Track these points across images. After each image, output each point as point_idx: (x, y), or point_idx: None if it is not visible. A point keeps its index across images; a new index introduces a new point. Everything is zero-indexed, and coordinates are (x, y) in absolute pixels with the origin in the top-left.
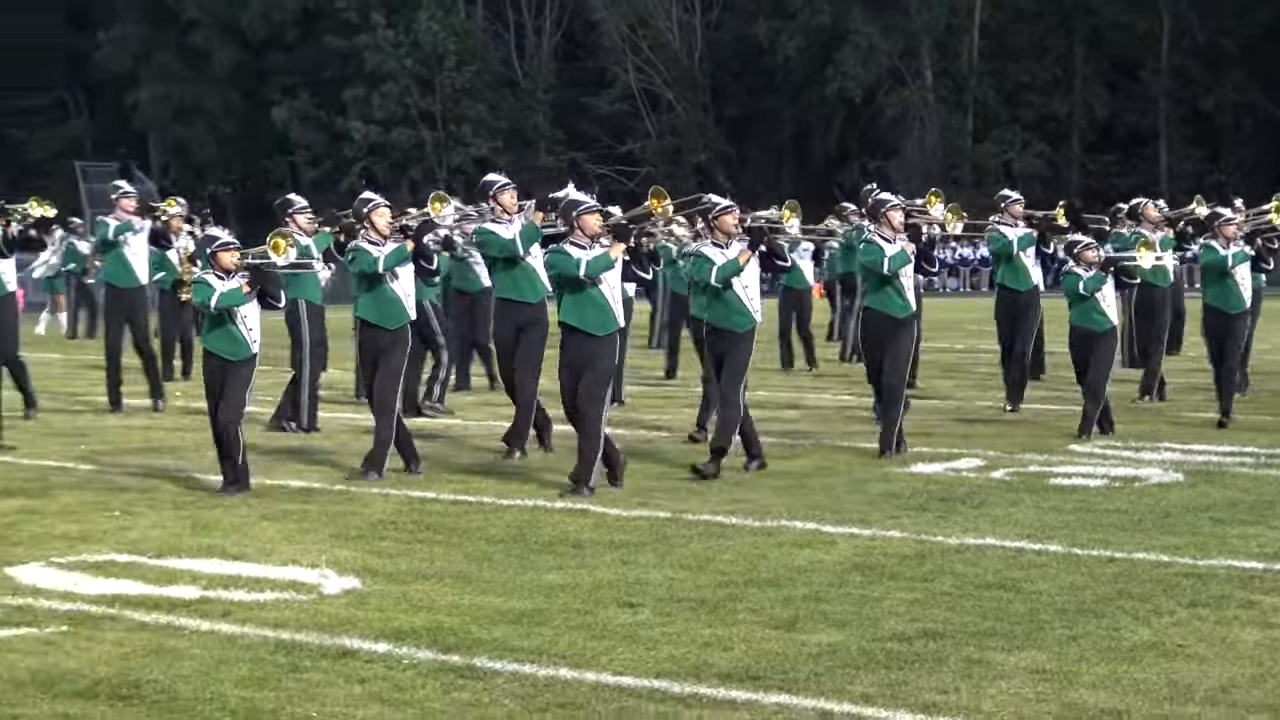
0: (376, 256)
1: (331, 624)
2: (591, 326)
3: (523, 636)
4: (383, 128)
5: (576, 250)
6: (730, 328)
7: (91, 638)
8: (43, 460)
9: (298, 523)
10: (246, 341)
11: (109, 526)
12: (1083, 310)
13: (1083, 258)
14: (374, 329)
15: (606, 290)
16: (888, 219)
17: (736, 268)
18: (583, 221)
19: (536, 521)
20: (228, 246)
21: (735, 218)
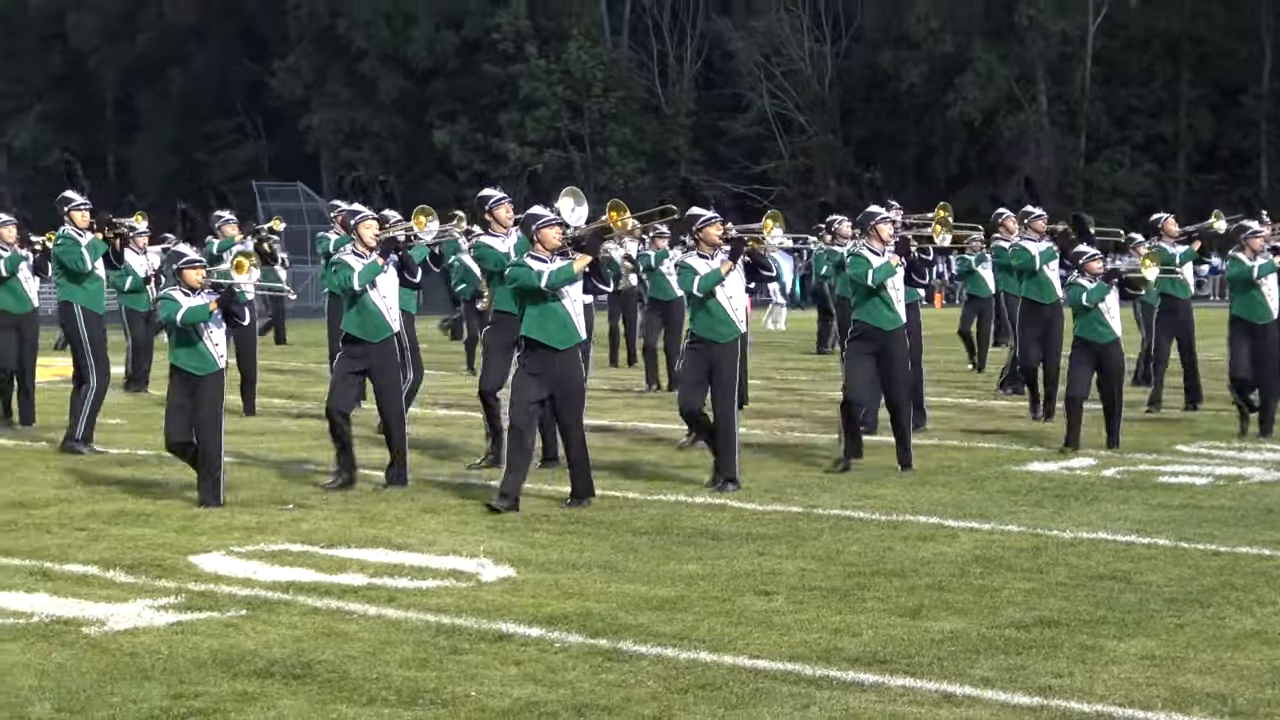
0: (352, 273)
1: (489, 610)
2: (554, 340)
3: (665, 622)
4: (535, 149)
5: (537, 263)
6: (714, 339)
7: (268, 621)
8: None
9: (457, 516)
10: (213, 357)
11: (284, 519)
12: (1086, 322)
13: (1087, 269)
14: (359, 343)
15: (568, 304)
16: (876, 231)
17: (718, 277)
18: (543, 235)
19: (678, 515)
20: (194, 264)
21: (719, 229)
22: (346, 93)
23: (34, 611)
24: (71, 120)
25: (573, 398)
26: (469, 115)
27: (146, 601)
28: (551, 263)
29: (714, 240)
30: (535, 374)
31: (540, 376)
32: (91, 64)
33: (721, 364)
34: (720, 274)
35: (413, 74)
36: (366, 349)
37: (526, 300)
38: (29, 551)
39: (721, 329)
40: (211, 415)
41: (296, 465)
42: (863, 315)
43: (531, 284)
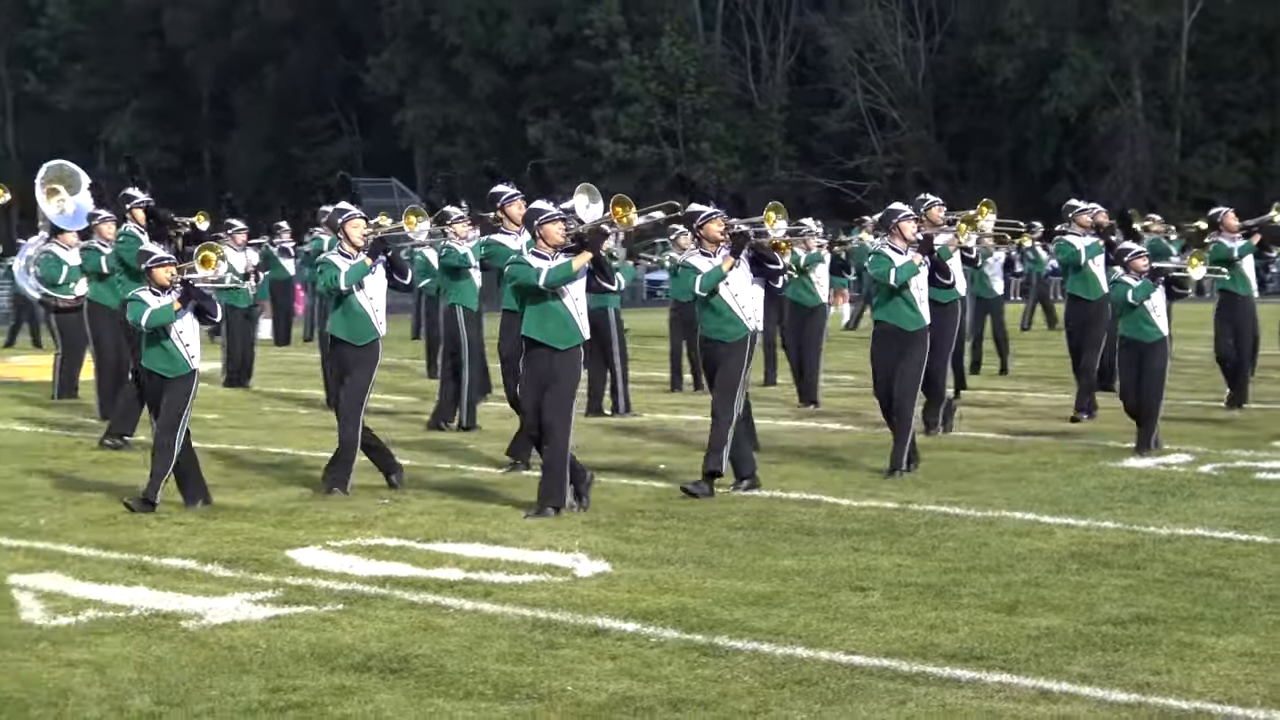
0: (338, 273)
1: (584, 604)
2: (554, 340)
3: (761, 617)
4: (629, 145)
5: (538, 260)
6: (721, 338)
7: (365, 615)
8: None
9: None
10: (184, 358)
11: (380, 513)
12: (1131, 321)
13: (1133, 266)
14: (342, 344)
15: (569, 302)
16: (899, 230)
17: (720, 275)
18: (545, 231)
19: (773, 511)
20: (163, 262)
21: (721, 225)
22: (440, 89)
23: (134, 605)
24: (168, 117)
25: (561, 398)
26: (562, 111)
27: (244, 595)
28: (553, 260)
29: (715, 236)
30: (532, 379)
31: (537, 381)
32: (188, 61)
33: (728, 363)
34: (722, 271)
35: (506, 70)
36: (351, 350)
37: (527, 299)
38: (128, 545)
39: (729, 328)
40: (172, 416)
41: None
42: (884, 315)
43: (530, 282)
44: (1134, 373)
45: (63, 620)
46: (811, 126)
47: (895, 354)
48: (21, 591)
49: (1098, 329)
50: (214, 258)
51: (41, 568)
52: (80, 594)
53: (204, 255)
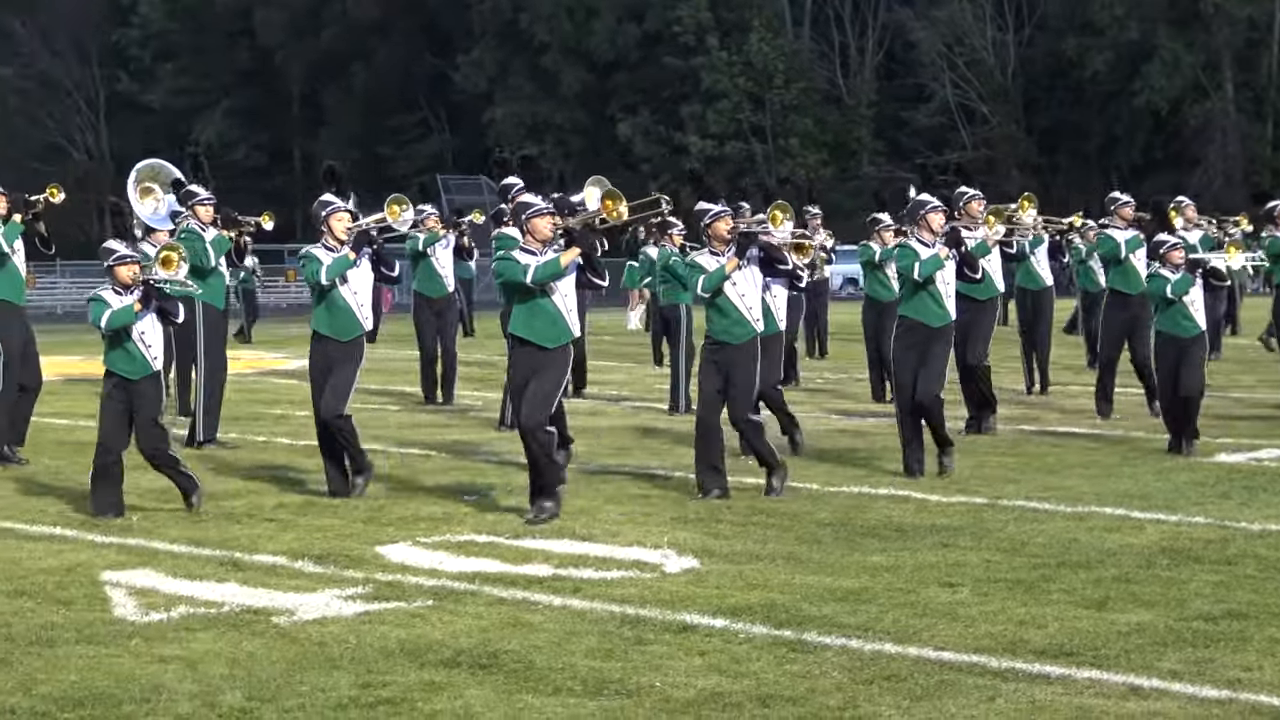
0: (320, 266)
1: (673, 601)
2: (541, 338)
3: (850, 613)
4: (717, 141)
5: (526, 256)
6: (728, 340)
7: (454, 611)
8: (409, 449)
9: (641, 507)
10: (146, 360)
11: (469, 510)
12: (1169, 316)
13: (1168, 259)
14: (326, 340)
15: (559, 299)
16: (926, 222)
17: (722, 276)
18: (533, 225)
19: (861, 506)
20: (125, 260)
21: (728, 224)
22: (529, 86)
23: (225, 601)
24: (257, 116)
25: (537, 398)
26: (651, 108)
27: (335, 591)
28: (541, 256)
29: (723, 236)
30: (519, 379)
31: (524, 381)
32: (278, 60)
33: (736, 367)
34: (724, 272)
35: (594, 67)
36: (336, 345)
37: (515, 296)
38: (219, 542)
39: (736, 330)
40: (151, 421)
41: (482, 454)
42: (909, 310)
43: (517, 279)
44: (1172, 369)
45: (155, 617)
46: (900, 121)
47: (920, 350)
48: (114, 588)
49: (1143, 324)
50: (176, 258)
51: (134, 565)
52: (172, 590)
53: (165, 255)
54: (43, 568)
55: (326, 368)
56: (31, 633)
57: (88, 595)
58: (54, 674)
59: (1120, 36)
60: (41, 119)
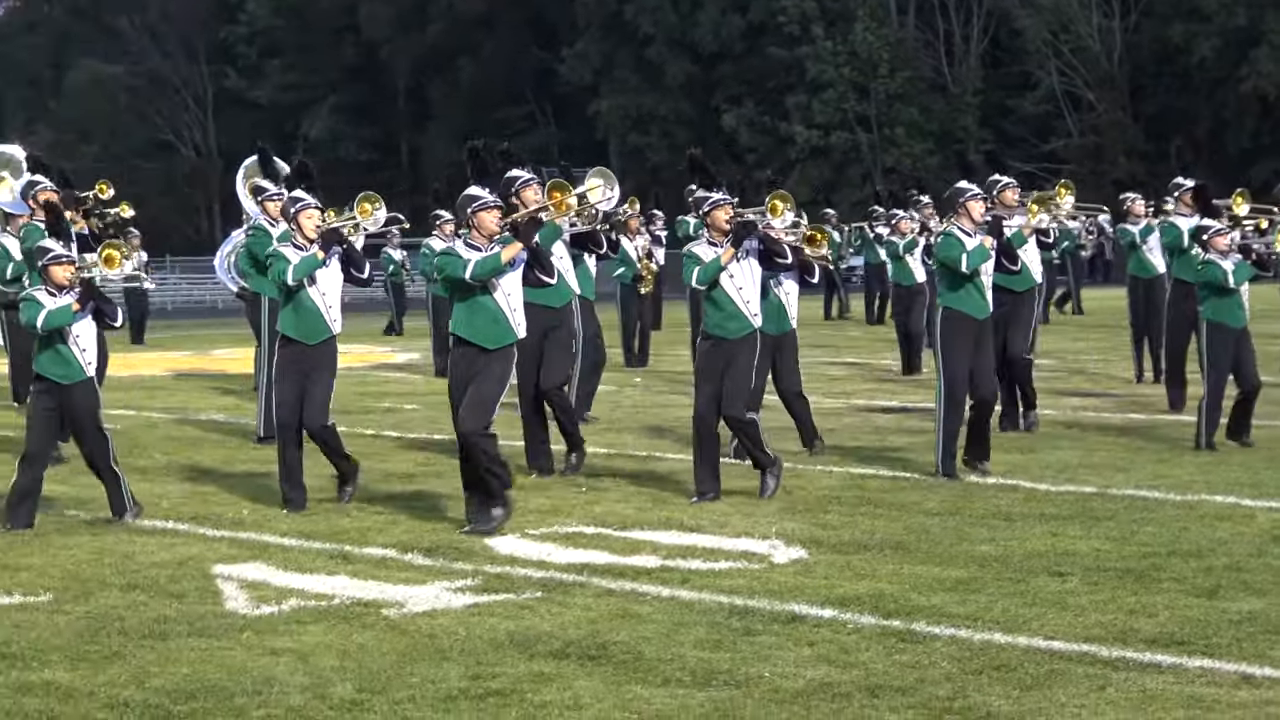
0: (286, 266)
1: (781, 591)
2: (482, 339)
3: (959, 603)
4: (823, 131)
5: (468, 251)
6: (723, 334)
7: (562, 603)
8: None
9: (749, 498)
10: (79, 364)
11: (577, 501)
12: (1226, 306)
13: (1213, 245)
14: (294, 344)
15: (501, 298)
16: (967, 210)
17: (718, 267)
18: (479, 219)
19: (969, 496)
20: (60, 260)
21: (728, 213)
22: (634, 78)
23: (335, 594)
24: (364, 111)
25: (475, 402)
26: (755, 98)
27: (444, 584)
28: (484, 251)
29: (721, 226)
30: (459, 380)
31: (464, 383)
32: (384, 55)
33: (732, 363)
34: (720, 264)
35: (699, 58)
36: (303, 350)
37: (456, 293)
38: (329, 535)
39: (731, 324)
40: (91, 426)
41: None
42: (953, 303)
43: (456, 275)
44: (1231, 359)
45: (266, 609)
46: (1006, 109)
47: (972, 343)
48: (226, 581)
49: None
50: (118, 256)
51: (245, 558)
52: (283, 583)
53: (107, 253)
54: (155, 561)
55: (301, 372)
56: (144, 626)
57: (200, 589)
58: (167, 667)
59: (1228, 22)
60: (150, 116)
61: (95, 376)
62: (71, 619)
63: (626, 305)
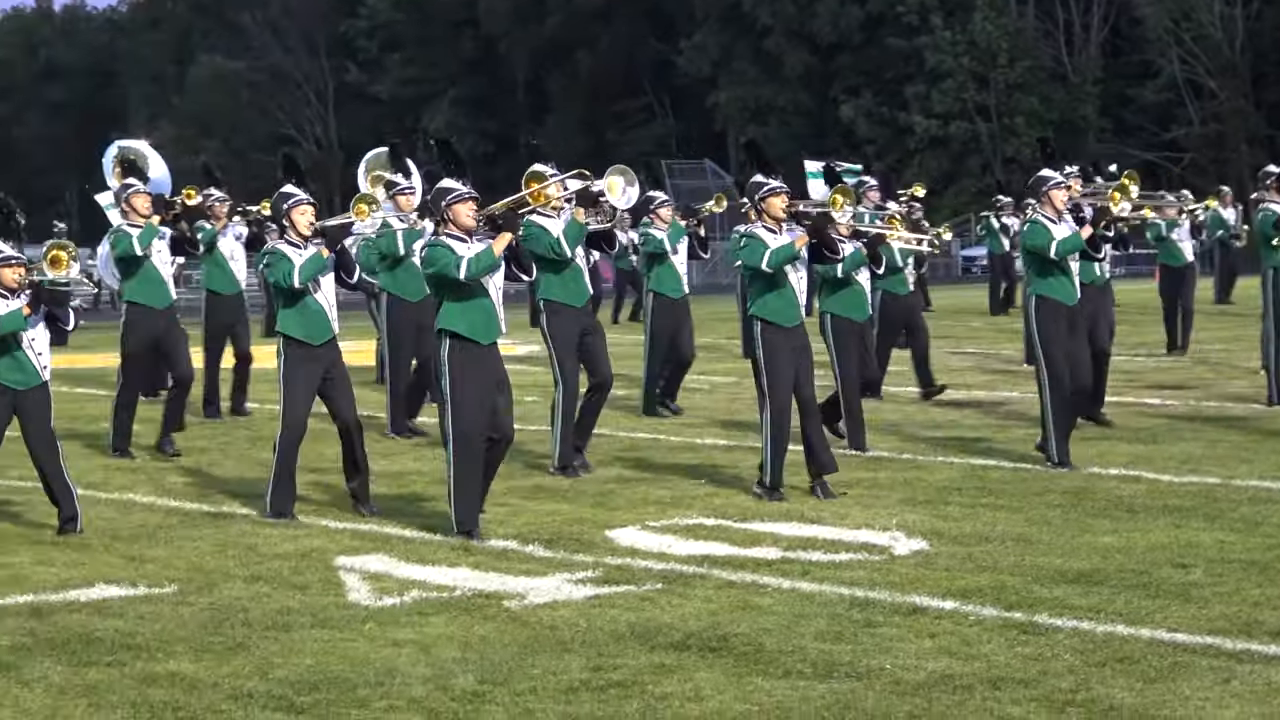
0: (291, 268)
1: (902, 583)
2: (480, 335)
3: (1081, 595)
4: (942, 121)
5: (459, 247)
6: (783, 322)
7: (683, 595)
8: (636, 433)
9: (869, 489)
10: (35, 369)
11: (698, 493)
12: None
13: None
14: (297, 344)
15: (493, 290)
16: (1049, 199)
17: (793, 253)
18: (454, 213)
19: (1092, 488)
20: (10, 262)
21: (784, 201)
22: (752, 70)
23: (457, 585)
24: (483, 104)
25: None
26: (874, 89)
27: (565, 575)
28: (470, 246)
29: (777, 213)
30: (475, 371)
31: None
32: (502, 48)
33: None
34: (794, 249)
35: (818, 49)
36: (313, 352)
37: (445, 290)
38: (451, 527)
39: (791, 311)
40: (44, 435)
41: (708, 440)
42: (1045, 290)
43: (450, 274)
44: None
45: (388, 601)
46: (1126, 99)
47: (1067, 330)
48: (348, 573)
49: None
50: (65, 258)
51: (368, 549)
52: (405, 575)
53: (53, 254)
54: (278, 553)
55: (313, 374)
56: (268, 618)
57: (322, 580)
58: (290, 658)
59: None
60: (271, 111)
61: (48, 382)
62: (196, 610)
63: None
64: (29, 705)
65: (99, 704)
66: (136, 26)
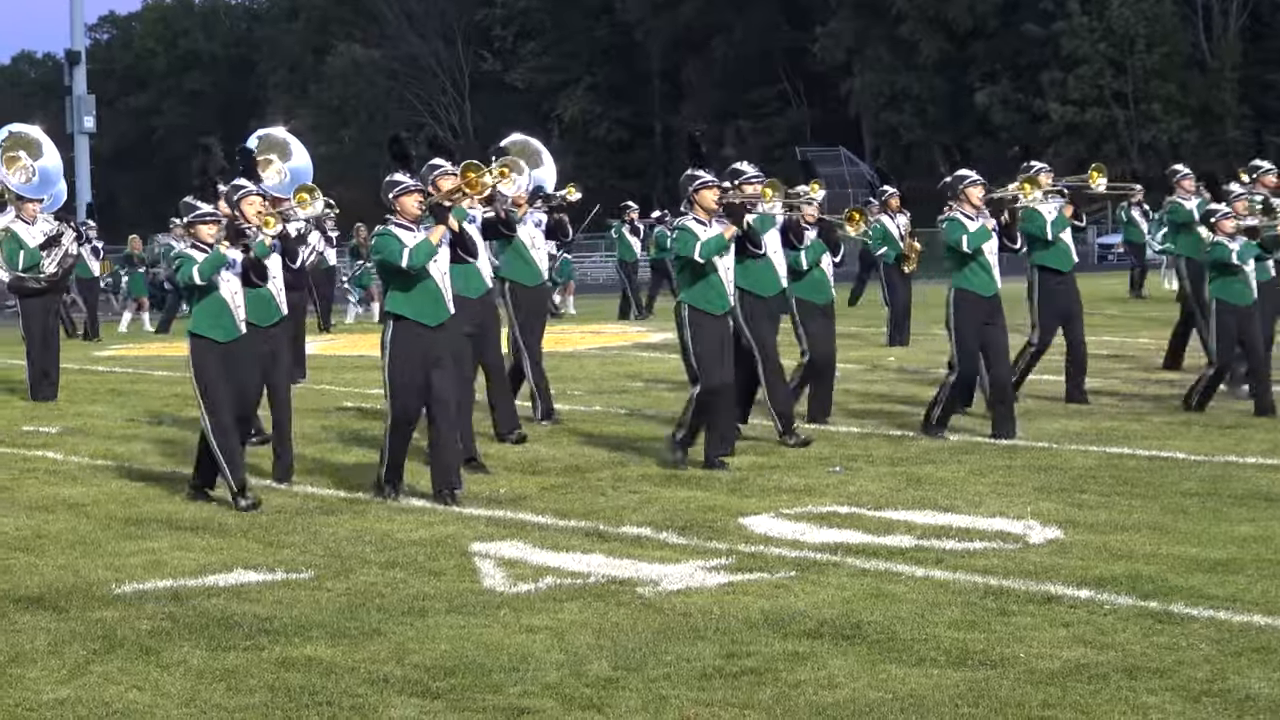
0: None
1: (1036, 571)
2: (426, 317)
3: (1217, 585)
4: (1078, 108)
5: (406, 235)
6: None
7: (816, 582)
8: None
9: (1004, 478)
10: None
11: (831, 481)
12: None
13: (1220, 228)
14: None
15: (438, 275)
16: (966, 195)
17: (722, 243)
18: (401, 204)
19: (1229, 476)
20: (205, 219)
21: (716, 194)
22: (887, 56)
23: (591, 572)
24: (619, 91)
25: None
26: (1010, 75)
27: (699, 562)
28: (415, 236)
29: (710, 205)
30: (414, 355)
31: (421, 356)
32: (638, 36)
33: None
34: (725, 240)
35: (953, 36)
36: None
37: (392, 276)
38: (584, 513)
39: (719, 301)
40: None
41: (840, 428)
42: (962, 283)
43: (394, 261)
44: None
45: (523, 587)
46: (1267, 85)
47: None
48: (484, 559)
49: None
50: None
51: (502, 536)
52: (539, 561)
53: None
54: (413, 539)
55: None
56: (404, 603)
57: (457, 566)
58: (425, 644)
59: None
60: (409, 100)
61: None
62: (332, 595)
63: (892, 285)
64: (168, 689)
65: (237, 688)
66: (275, 16)
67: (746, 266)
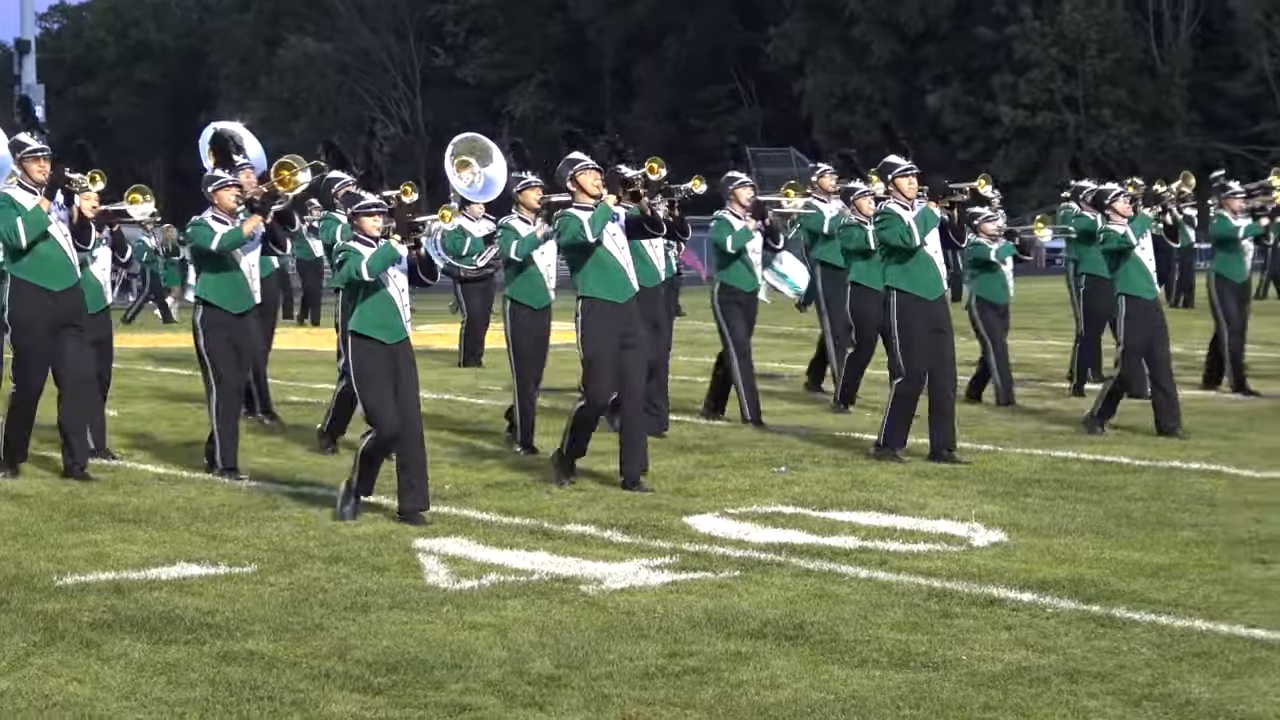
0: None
1: (979, 574)
2: (231, 305)
3: (1159, 589)
4: (1029, 112)
5: (218, 225)
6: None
7: (760, 582)
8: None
9: (949, 480)
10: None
11: (776, 481)
12: None
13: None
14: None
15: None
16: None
17: (535, 242)
18: (218, 198)
19: (1172, 481)
20: (370, 210)
21: (539, 194)
22: (840, 57)
23: (534, 569)
24: (570, 89)
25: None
26: (961, 78)
27: (643, 561)
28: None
29: (532, 205)
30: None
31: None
32: (590, 34)
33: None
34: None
35: (905, 38)
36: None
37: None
38: (529, 511)
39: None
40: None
41: (789, 427)
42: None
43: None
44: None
45: (466, 584)
46: (1216, 91)
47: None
48: (427, 555)
49: None
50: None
51: (446, 532)
52: (483, 558)
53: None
54: (358, 535)
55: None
56: (347, 598)
57: (401, 562)
58: (368, 639)
59: None
60: (360, 94)
61: None
62: (275, 590)
63: None
64: (109, 682)
65: (178, 681)
66: (226, 8)
67: (907, 268)
